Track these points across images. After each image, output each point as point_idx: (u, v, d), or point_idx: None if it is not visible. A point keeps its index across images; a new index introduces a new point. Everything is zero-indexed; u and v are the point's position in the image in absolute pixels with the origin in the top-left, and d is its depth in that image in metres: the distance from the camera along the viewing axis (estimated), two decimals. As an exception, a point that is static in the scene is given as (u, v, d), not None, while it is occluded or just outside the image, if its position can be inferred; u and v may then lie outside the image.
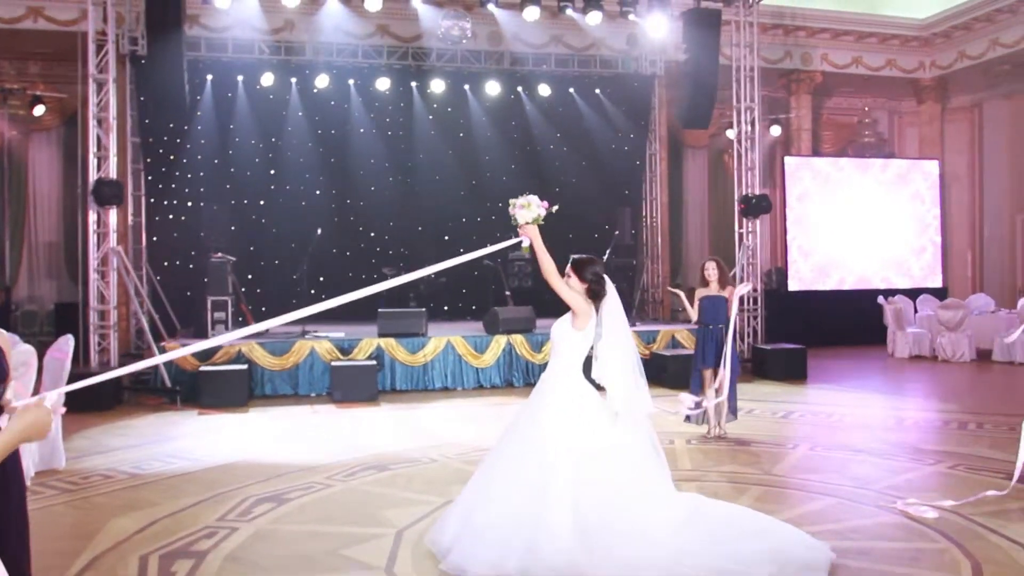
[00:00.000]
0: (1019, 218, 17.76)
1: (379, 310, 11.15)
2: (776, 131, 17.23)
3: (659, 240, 16.59)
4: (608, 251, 12.83)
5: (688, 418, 7.84)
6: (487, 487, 4.39)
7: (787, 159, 16.82)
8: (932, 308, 14.29)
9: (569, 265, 4.63)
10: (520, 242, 4.78)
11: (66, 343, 6.50)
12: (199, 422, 8.80)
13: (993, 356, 13.44)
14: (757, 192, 13.47)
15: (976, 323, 13.80)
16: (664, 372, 10.78)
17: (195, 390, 9.73)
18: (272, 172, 14.52)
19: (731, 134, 16.79)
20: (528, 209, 4.70)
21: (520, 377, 11.07)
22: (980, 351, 13.65)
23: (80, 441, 7.67)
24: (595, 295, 4.56)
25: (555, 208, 4.95)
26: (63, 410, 5.74)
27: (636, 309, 14.42)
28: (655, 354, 11.37)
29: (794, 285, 16.27)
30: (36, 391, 6.50)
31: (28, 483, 5.84)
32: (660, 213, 16.63)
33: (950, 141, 18.48)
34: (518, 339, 11.07)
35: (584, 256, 4.67)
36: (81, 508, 5.59)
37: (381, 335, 10.72)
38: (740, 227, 13.74)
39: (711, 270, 7.91)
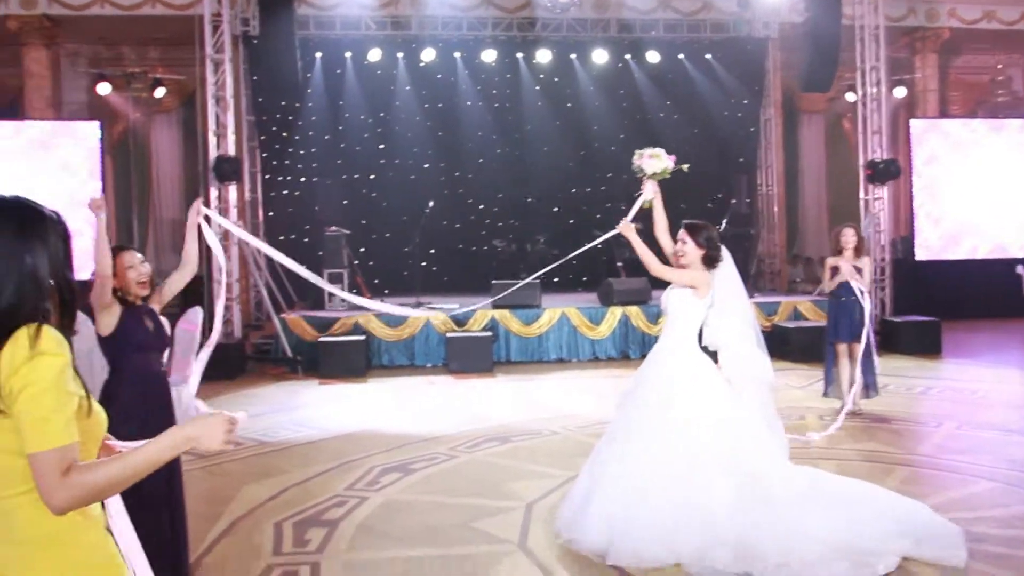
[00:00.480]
0: None
1: (493, 282, 11.06)
2: (900, 93, 16.30)
3: (775, 209, 16.03)
4: (724, 221, 12.42)
5: (826, 393, 7.47)
6: (633, 477, 4.05)
7: (913, 122, 15.90)
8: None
9: (683, 229, 4.39)
10: (640, 195, 4.60)
11: (195, 315, 6.64)
12: (320, 391, 8.94)
13: None
14: (884, 157, 12.69)
15: None
16: (787, 344, 10.36)
17: (315, 360, 9.89)
18: (381, 147, 14.62)
19: (851, 97, 16.05)
20: (657, 159, 4.49)
21: (636, 349, 10.82)
22: None
23: (210, 409, 7.88)
24: (711, 261, 4.35)
25: (686, 167, 4.74)
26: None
27: (753, 279, 13.95)
28: (777, 326, 10.94)
29: (921, 254, 15.39)
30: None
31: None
32: (776, 181, 16.04)
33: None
34: (633, 310, 10.83)
35: (698, 221, 4.45)
36: (215, 474, 5.70)
37: (495, 306, 10.65)
38: (865, 194, 13.02)
39: (848, 236, 7.37)
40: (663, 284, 4.47)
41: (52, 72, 14.66)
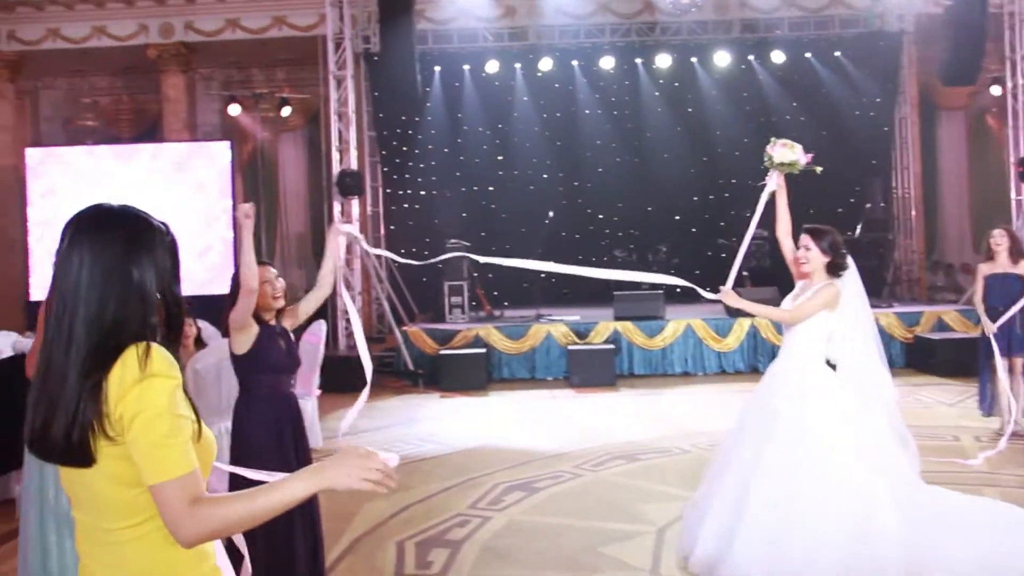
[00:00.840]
0: None
1: (615, 292, 10.82)
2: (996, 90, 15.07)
3: (912, 212, 15.10)
4: (859, 226, 11.76)
5: (987, 412, 6.88)
6: (780, 508, 3.71)
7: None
8: None
9: (806, 235, 4.07)
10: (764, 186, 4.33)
11: (319, 328, 6.68)
12: (441, 405, 8.89)
13: None
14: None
15: None
16: (932, 358, 9.66)
17: (435, 373, 9.88)
18: (500, 158, 14.59)
19: (996, 91, 15.00)
20: (789, 150, 4.18)
21: (765, 362, 10.28)
22: None
23: (333, 422, 7.91)
24: (836, 269, 4.05)
25: (819, 169, 4.42)
26: (317, 393, 5.77)
27: (889, 287, 13.16)
28: (920, 338, 10.23)
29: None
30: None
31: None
32: (913, 183, 15.12)
33: None
34: (762, 322, 10.35)
35: (822, 225, 4.13)
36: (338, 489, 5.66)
37: (617, 318, 10.39)
38: (1018, 193, 12.05)
39: (1000, 239, 6.74)
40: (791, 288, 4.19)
41: (188, 96, 15.33)
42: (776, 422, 3.88)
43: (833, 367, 4.05)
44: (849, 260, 4.08)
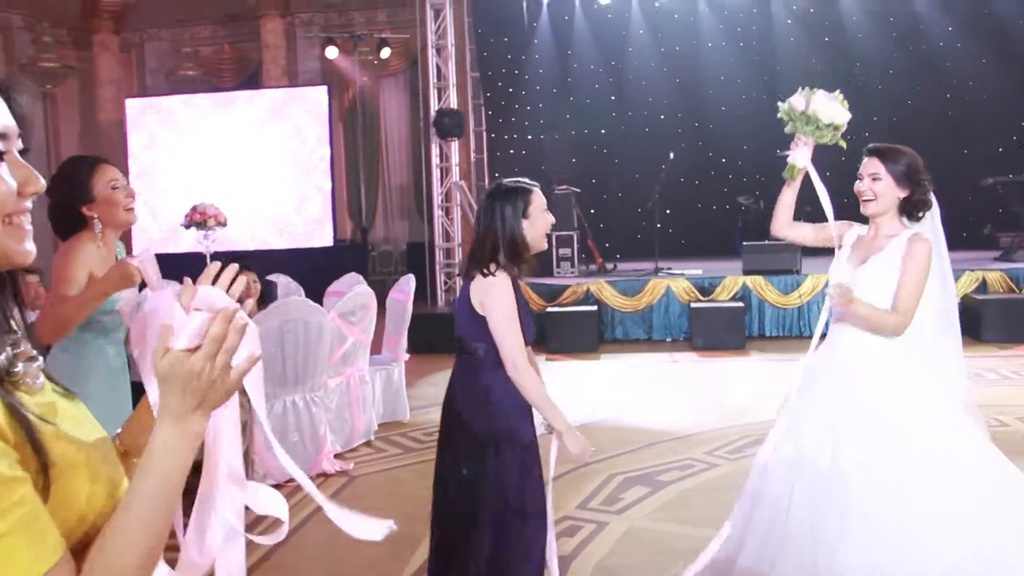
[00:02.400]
0: None
1: (744, 243, 9.61)
2: None
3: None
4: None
5: None
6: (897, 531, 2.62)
7: None
8: None
9: (872, 156, 2.85)
10: (785, 156, 3.10)
11: (407, 284, 5.83)
12: (548, 369, 7.82)
13: None
14: None
15: None
16: (978, 322, 8.09)
17: (542, 333, 8.92)
18: (613, 98, 13.42)
19: None
20: (836, 108, 2.95)
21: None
22: None
23: (424, 388, 7.12)
24: (916, 208, 2.83)
25: (844, 143, 3.12)
26: (405, 357, 4.93)
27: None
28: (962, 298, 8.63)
29: None
30: (378, 335, 5.92)
31: (372, 437, 5.24)
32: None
33: None
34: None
35: (893, 144, 2.89)
36: (426, 475, 4.81)
37: (747, 272, 9.17)
38: None
39: None
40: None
41: (286, 41, 14.78)
42: (876, 440, 2.72)
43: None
44: (932, 195, 2.85)
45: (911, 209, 2.83)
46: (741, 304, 8.83)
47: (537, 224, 2.74)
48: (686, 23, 13.18)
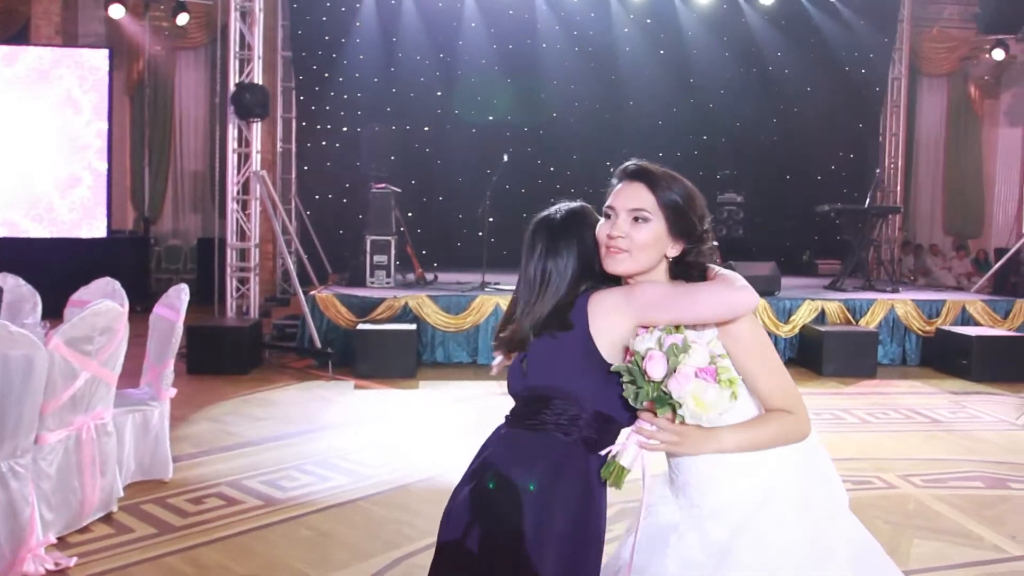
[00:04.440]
0: None
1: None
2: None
3: (897, 186, 13.53)
4: (868, 199, 10.00)
5: None
6: None
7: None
8: None
9: (628, 179, 1.86)
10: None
11: (177, 296, 4.42)
12: (357, 400, 6.70)
13: None
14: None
15: None
16: (966, 356, 7.92)
17: (350, 353, 7.69)
18: (439, 93, 12.36)
19: (999, 55, 13.45)
20: (707, 394, 1.67)
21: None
22: None
23: (201, 425, 5.68)
24: (688, 273, 1.87)
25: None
26: (171, 392, 3.63)
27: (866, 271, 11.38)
28: (942, 331, 8.48)
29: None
30: (140, 362, 4.50)
31: (115, 508, 3.83)
32: (900, 152, 13.54)
33: None
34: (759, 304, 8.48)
35: (652, 165, 1.88)
36: (191, 572, 3.47)
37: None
38: None
39: None
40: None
41: (63, -3, 12.61)
42: None
43: None
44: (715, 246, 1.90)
45: (682, 272, 1.85)
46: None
47: None
48: (522, 20, 12.35)
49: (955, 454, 5.36)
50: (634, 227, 1.80)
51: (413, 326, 7.86)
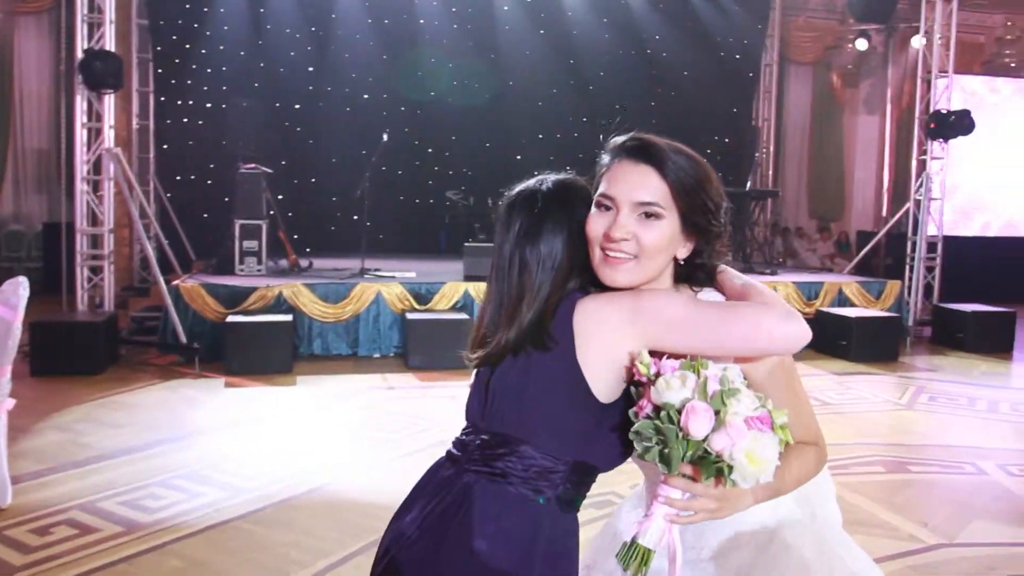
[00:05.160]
0: None
1: (466, 245, 8.45)
2: (919, 42, 14.17)
3: (769, 171, 13.85)
4: (748, 182, 10.09)
5: None
6: None
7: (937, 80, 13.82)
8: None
9: (635, 157, 1.44)
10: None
11: (15, 292, 3.79)
12: (229, 400, 6.14)
13: None
14: (949, 107, 10.34)
15: None
16: (846, 337, 8.07)
17: (219, 347, 7.07)
18: (311, 69, 11.71)
19: (862, 45, 13.94)
20: (760, 446, 1.28)
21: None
22: None
23: (47, 436, 5.01)
24: (698, 274, 1.54)
25: None
26: (9, 404, 3.12)
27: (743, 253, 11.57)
28: (822, 313, 8.62)
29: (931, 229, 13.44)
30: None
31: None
32: (771, 138, 13.86)
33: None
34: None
35: (660, 139, 1.50)
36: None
37: (469, 278, 8.00)
38: (922, 154, 10.67)
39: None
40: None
41: None
42: None
43: None
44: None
45: (694, 275, 1.50)
46: (464, 316, 7.61)
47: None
48: (401, -7, 11.85)
49: (850, 438, 5.35)
50: (643, 225, 1.38)
51: (288, 317, 7.31)
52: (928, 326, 9.60)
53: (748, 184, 10.32)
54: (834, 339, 8.17)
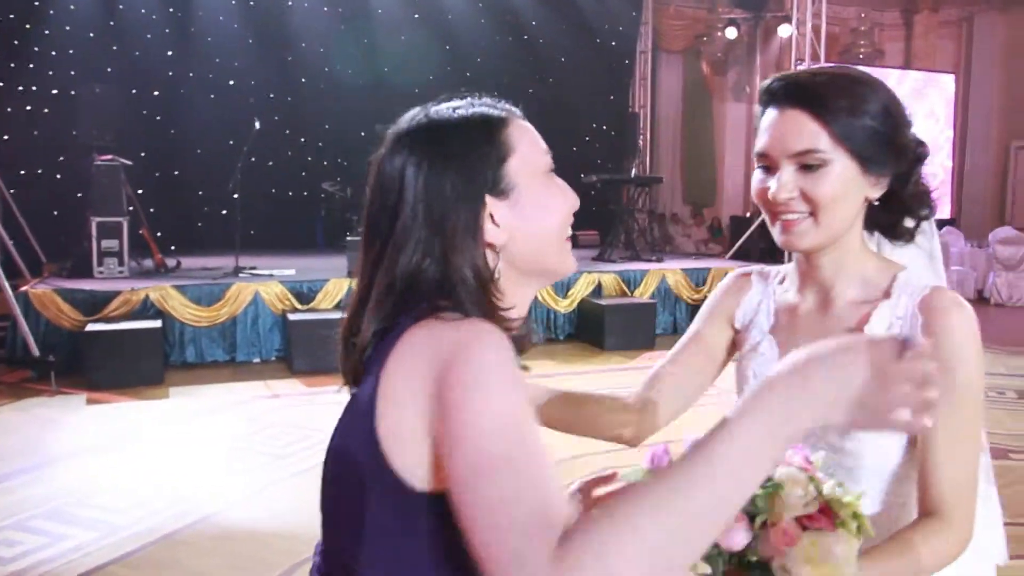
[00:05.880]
0: (1014, 145, 16.06)
1: (348, 239, 8.02)
2: (785, 31, 14.59)
3: (647, 158, 13.96)
4: (633, 169, 10.07)
5: None
6: None
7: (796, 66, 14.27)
8: (965, 243, 12.49)
9: (790, 103, 1.16)
10: None
11: None
12: (92, 419, 5.53)
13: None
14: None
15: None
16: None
17: (78, 360, 6.40)
18: (170, 53, 10.92)
19: (731, 34, 14.24)
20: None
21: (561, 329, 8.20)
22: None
23: None
24: (903, 218, 1.26)
25: None
26: None
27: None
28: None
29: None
30: None
31: None
32: (647, 126, 13.98)
33: (940, 58, 16.53)
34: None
35: (838, 68, 1.26)
36: None
37: (353, 274, 7.57)
38: None
39: None
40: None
41: None
42: None
43: None
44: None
45: (896, 220, 1.24)
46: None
47: (539, 204, 1.03)
48: (266, -27, 11.20)
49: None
50: (808, 178, 1.15)
51: (157, 322, 6.70)
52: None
53: (633, 171, 10.25)
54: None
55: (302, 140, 11.71)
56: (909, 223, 1.24)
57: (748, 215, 14.80)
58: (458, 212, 0.94)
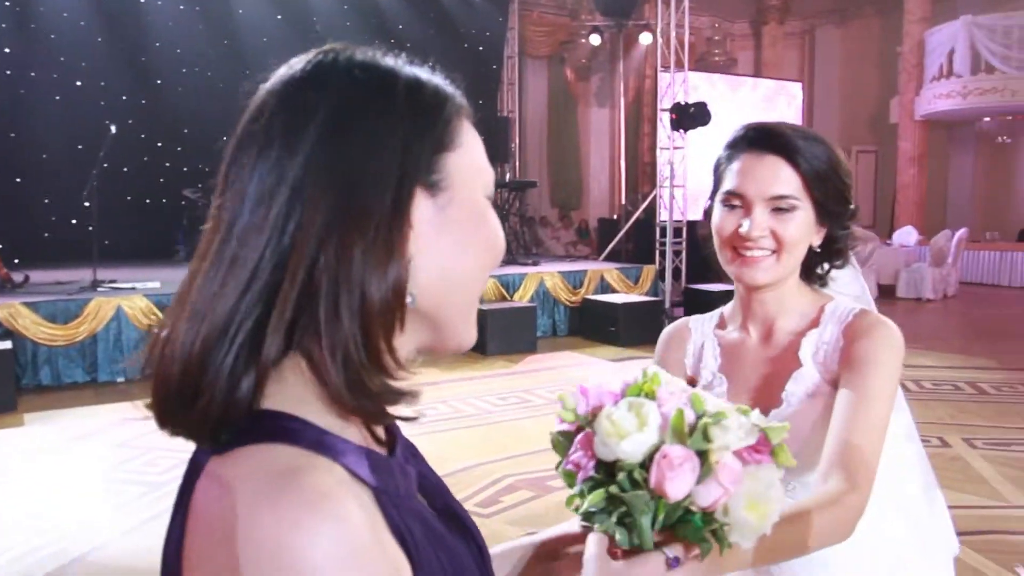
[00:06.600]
0: (855, 149, 17.20)
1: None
2: (647, 39, 15.01)
3: (517, 162, 14.06)
4: (508, 174, 10.04)
5: None
6: None
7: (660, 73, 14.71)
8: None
9: (765, 149, 1.30)
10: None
11: None
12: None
13: (897, 292, 12.49)
14: (687, 100, 10.91)
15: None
16: (614, 323, 8.26)
17: (-86, 387, 5.79)
18: (8, 50, 10.13)
19: (596, 41, 14.52)
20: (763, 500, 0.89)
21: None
22: (881, 287, 12.53)
23: None
24: (829, 260, 1.44)
25: None
26: None
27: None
28: (589, 300, 8.77)
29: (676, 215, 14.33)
30: None
31: None
32: (516, 130, 14.08)
33: (786, 67, 17.54)
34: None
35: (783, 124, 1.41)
36: None
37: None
38: (658, 144, 11.24)
39: None
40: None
41: None
42: None
43: None
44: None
45: (822, 262, 1.38)
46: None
47: (468, 231, 0.70)
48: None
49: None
50: (778, 220, 1.28)
51: (7, 343, 6.14)
52: (681, 307, 10.11)
53: (508, 176, 10.26)
54: (603, 325, 8.33)
55: (159, 145, 11.11)
56: (823, 269, 1.40)
57: (615, 217, 15.15)
58: (376, 196, 0.63)
